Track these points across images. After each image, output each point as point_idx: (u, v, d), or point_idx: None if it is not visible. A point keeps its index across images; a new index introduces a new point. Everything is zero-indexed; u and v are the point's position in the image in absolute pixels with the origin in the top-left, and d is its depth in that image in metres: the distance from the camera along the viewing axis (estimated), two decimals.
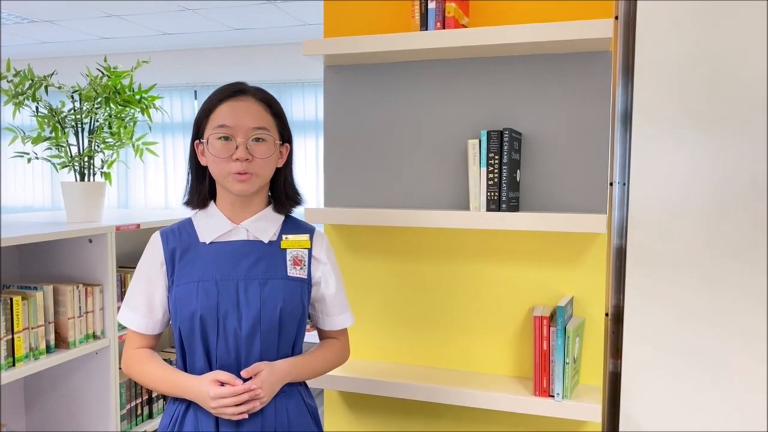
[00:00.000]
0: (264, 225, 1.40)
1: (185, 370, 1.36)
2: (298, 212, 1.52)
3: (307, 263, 1.41)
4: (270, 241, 1.39)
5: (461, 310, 1.87)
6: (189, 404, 1.34)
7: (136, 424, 2.47)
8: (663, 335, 1.73)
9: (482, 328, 1.85)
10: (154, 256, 1.38)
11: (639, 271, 1.74)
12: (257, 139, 1.33)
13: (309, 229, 1.46)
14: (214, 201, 1.41)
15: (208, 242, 1.37)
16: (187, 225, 1.41)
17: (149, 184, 6.39)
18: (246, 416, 1.28)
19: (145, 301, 1.37)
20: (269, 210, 1.42)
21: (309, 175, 5.84)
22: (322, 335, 1.52)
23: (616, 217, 1.85)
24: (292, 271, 1.39)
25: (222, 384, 1.27)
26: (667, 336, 1.73)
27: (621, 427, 1.79)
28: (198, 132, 1.36)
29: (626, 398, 1.77)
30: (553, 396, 1.66)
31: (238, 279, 1.34)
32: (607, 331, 1.85)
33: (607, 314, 1.85)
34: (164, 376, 1.34)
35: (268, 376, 1.30)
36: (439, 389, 1.74)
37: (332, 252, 1.49)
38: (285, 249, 1.40)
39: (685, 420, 1.73)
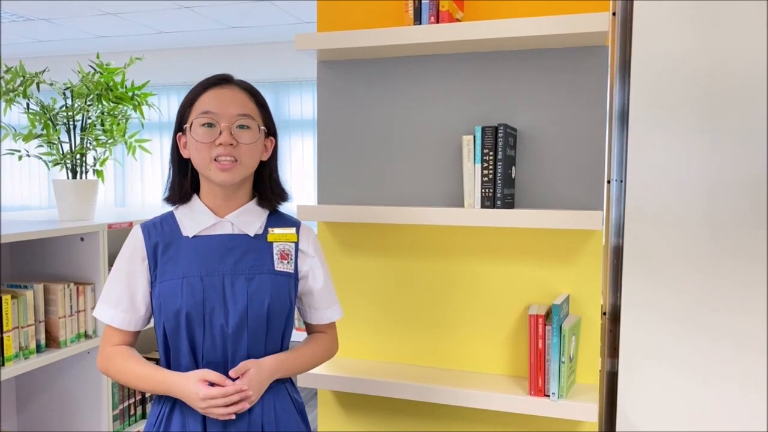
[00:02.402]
0: (249, 218, 1.37)
1: (169, 368, 1.33)
2: (290, 209, 1.49)
3: (294, 257, 1.39)
4: (256, 235, 1.37)
5: (456, 308, 1.85)
6: (174, 403, 1.31)
7: (129, 425, 2.44)
8: (660, 334, 1.71)
9: (477, 327, 1.83)
10: (135, 250, 1.35)
11: (636, 270, 1.72)
12: (241, 126, 1.31)
13: (295, 223, 1.43)
14: (198, 195, 1.38)
15: (191, 236, 1.34)
16: (168, 218, 1.38)
17: (146, 182, 6.37)
18: (234, 417, 1.25)
19: (127, 297, 1.34)
20: (253, 203, 1.40)
21: (307, 175, 5.82)
22: (310, 329, 1.50)
23: (614, 215, 1.83)
24: (279, 266, 1.36)
25: (211, 383, 1.25)
26: (664, 335, 1.71)
27: (618, 428, 1.77)
28: (181, 123, 1.34)
29: (623, 398, 1.75)
30: (548, 395, 1.64)
31: (224, 274, 1.31)
32: (603, 329, 1.83)
33: (604, 313, 1.83)
34: (146, 374, 1.30)
35: (256, 375, 1.28)
36: (433, 389, 1.72)
37: (319, 245, 1.46)
38: (271, 243, 1.37)
39: (683, 420, 1.71)
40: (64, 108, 2.33)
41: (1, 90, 2.27)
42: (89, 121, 2.37)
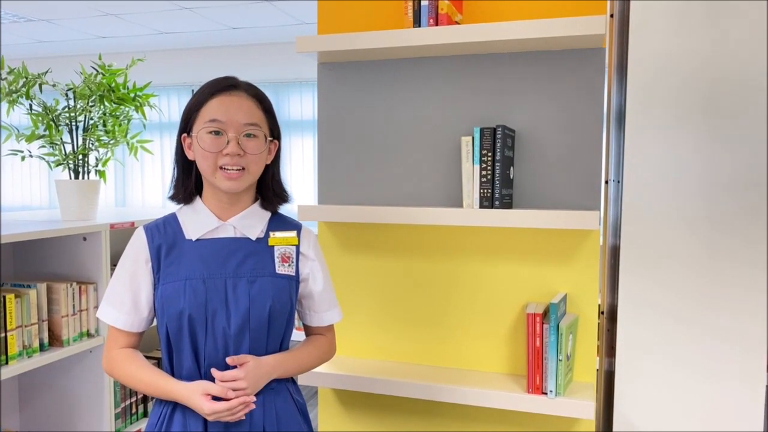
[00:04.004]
0: (251, 222, 1.39)
1: (172, 369, 1.35)
2: (291, 210, 1.51)
3: (295, 260, 1.40)
4: (257, 238, 1.38)
5: (455, 307, 1.87)
6: (176, 404, 1.33)
7: (131, 423, 2.46)
8: (657, 334, 1.73)
9: (476, 326, 1.85)
10: (138, 252, 1.35)
11: (633, 269, 1.74)
12: (248, 135, 1.32)
13: (296, 226, 1.45)
14: (200, 196, 1.39)
15: (194, 239, 1.35)
16: (171, 220, 1.39)
17: (146, 183, 6.39)
18: (243, 417, 1.28)
19: (131, 298, 1.35)
20: (256, 206, 1.41)
21: (307, 175, 5.84)
22: (309, 331, 1.51)
23: (611, 215, 1.84)
24: (281, 269, 1.37)
25: (214, 396, 1.26)
26: (661, 334, 1.72)
27: (615, 427, 1.79)
28: (186, 125, 1.35)
29: (620, 397, 1.77)
30: (546, 393, 1.66)
31: (226, 277, 1.32)
32: (601, 328, 1.85)
33: (602, 312, 1.85)
34: (151, 381, 1.32)
35: (254, 368, 1.30)
36: (432, 387, 1.74)
37: (319, 248, 1.48)
38: (273, 246, 1.38)
39: (680, 419, 1.73)
40: (66, 109, 2.35)
41: (3, 90, 2.29)
42: (91, 121, 2.39)
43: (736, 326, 1.67)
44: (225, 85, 1.34)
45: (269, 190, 1.42)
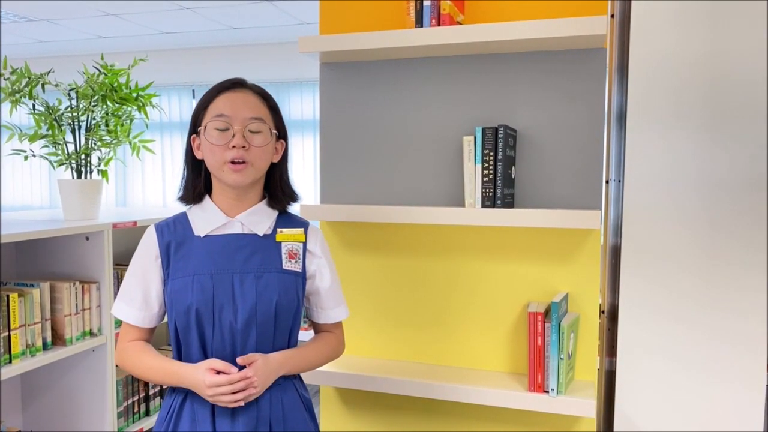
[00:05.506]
0: (259, 218, 1.41)
1: None
2: (294, 209, 1.52)
3: (301, 257, 1.42)
4: (265, 235, 1.40)
5: (457, 306, 1.87)
6: (185, 398, 1.35)
7: (133, 422, 2.47)
8: (658, 332, 1.74)
9: (477, 325, 1.86)
10: (149, 249, 1.39)
11: (634, 269, 1.75)
12: (253, 130, 1.35)
13: (303, 224, 1.47)
14: (210, 196, 1.42)
15: (202, 235, 1.38)
16: (182, 219, 1.42)
17: (147, 182, 6.40)
18: (242, 404, 1.28)
19: (141, 295, 1.38)
20: (263, 204, 1.43)
21: (307, 174, 5.85)
22: (317, 329, 1.53)
23: (612, 215, 1.85)
24: (287, 265, 1.39)
25: (218, 372, 1.28)
26: (662, 334, 1.73)
27: (616, 426, 1.79)
28: (195, 125, 1.38)
29: (621, 396, 1.78)
30: (547, 392, 1.66)
31: (233, 272, 1.35)
32: (602, 327, 1.86)
33: (603, 312, 1.86)
34: (159, 366, 1.35)
35: (263, 366, 1.31)
36: (434, 385, 1.75)
37: (326, 246, 1.49)
38: (280, 242, 1.40)
39: (680, 418, 1.74)
40: (69, 109, 2.36)
41: (5, 90, 2.30)
42: (94, 121, 2.39)
43: (737, 326, 1.67)
44: (231, 84, 1.38)
45: (278, 189, 1.44)
